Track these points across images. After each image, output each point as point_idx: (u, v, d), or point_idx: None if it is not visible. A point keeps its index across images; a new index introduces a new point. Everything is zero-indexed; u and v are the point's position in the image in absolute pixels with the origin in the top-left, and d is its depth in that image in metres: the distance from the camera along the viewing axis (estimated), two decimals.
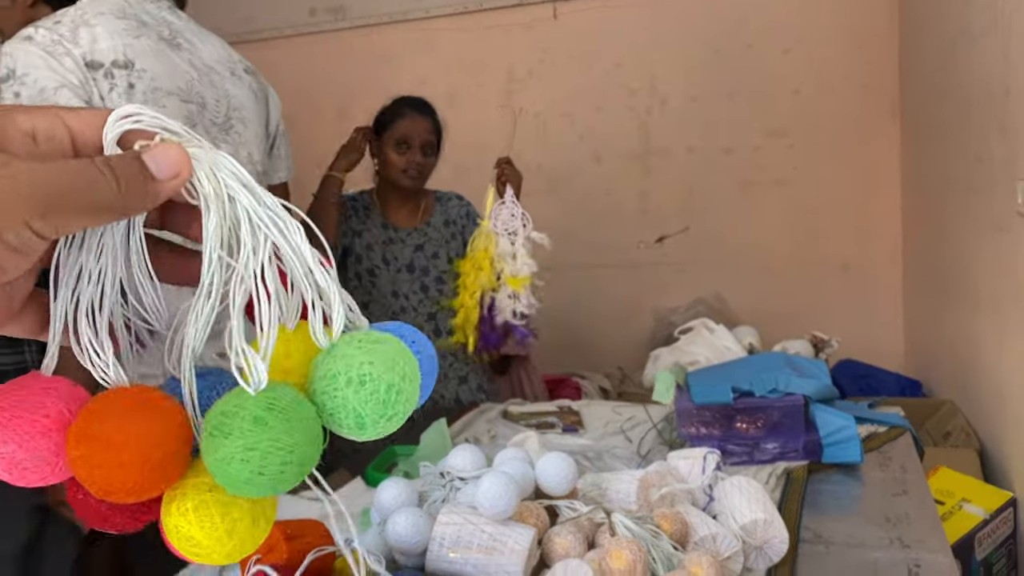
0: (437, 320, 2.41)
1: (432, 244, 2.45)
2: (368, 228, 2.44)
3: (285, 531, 0.91)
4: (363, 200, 2.51)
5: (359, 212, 2.46)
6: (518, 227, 2.10)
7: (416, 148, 2.38)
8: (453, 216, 2.51)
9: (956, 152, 2.93)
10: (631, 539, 1.01)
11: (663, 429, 1.77)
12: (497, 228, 2.10)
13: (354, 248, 2.43)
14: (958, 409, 3.01)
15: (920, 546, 1.22)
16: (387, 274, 2.41)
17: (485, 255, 2.08)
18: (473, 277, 2.09)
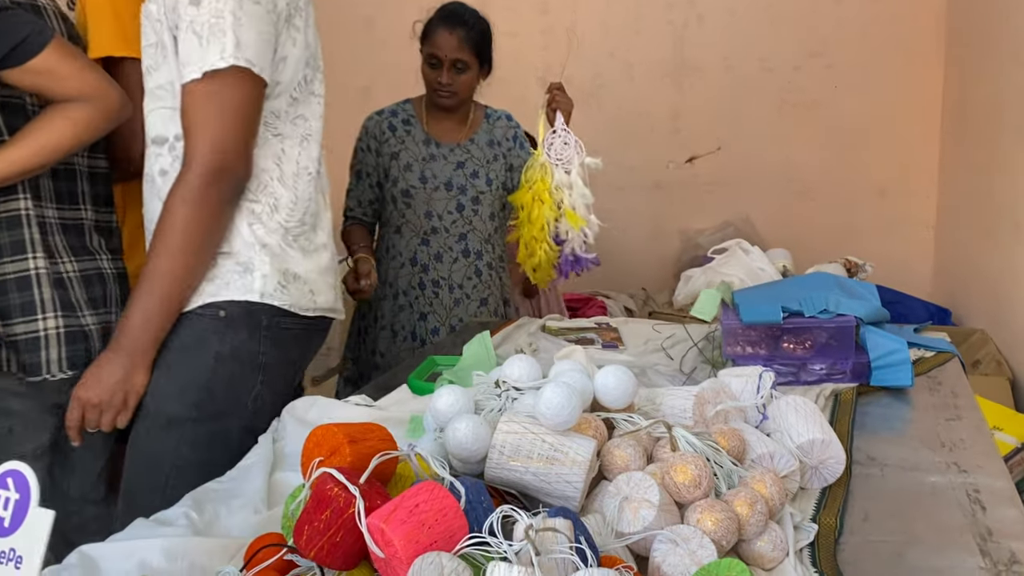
0: (467, 240, 2.36)
1: (473, 162, 2.37)
2: (407, 147, 2.35)
3: (348, 434, 0.89)
4: (404, 112, 2.41)
5: (398, 129, 2.37)
6: (572, 156, 2.00)
7: (445, 66, 2.27)
8: (499, 137, 2.41)
9: (1006, 68, 2.81)
10: (695, 454, 0.98)
11: (704, 348, 1.74)
12: (551, 158, 1.99)
13: (391, 172, 2.35)
14: (989, 338, 2.98)
15: (978, 471, 1.20)
16: (423, 193, 2.33)
17: (543, 186, 1.99)
18: (537, 211, 2.01)
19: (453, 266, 2.35)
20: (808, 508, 1.11)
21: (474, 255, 2.37)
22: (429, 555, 0.73)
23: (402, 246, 2.34)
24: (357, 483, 0.81)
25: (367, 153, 2.38)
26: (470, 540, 0.76)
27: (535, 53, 4.21)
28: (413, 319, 2.36)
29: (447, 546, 0.77)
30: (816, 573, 0.96)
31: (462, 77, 2.28)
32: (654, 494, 0.93)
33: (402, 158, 2.34)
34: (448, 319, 2.36)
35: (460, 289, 2.36)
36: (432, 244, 2.34)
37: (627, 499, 0.93)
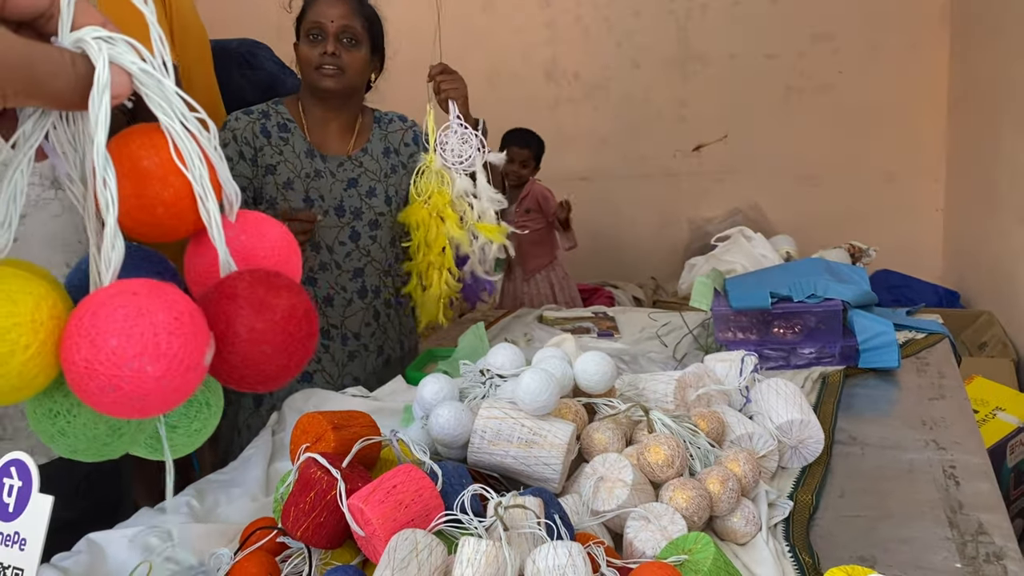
0: (364, 276, 1.86)
1: (368, 177, 1.86)
2: (286, 159, 1.82)
3: (332, 421, 0.94)
4: (278, 115, 1.85)
5: (273, 135, 1.82)
6: (473, 154, 1.62)
7: (331, 35, 1.77)
8: (395, 143, 1.92)
9: (1012, 57, 2.81)
10: (669, 435, 1.02)
11: (699, 335, 1.78)
12: (447, 160, 1.63)
13: (265, 190, 1.81)
14: (995, 320, 2.98)
15: (956, 448, 1.23)
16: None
17: (442, 198, 1.61)
18: (436, 230, 1.62)
19: (347, 310, 1.85)
20: (787, 486, 1.14)
21: (371, 294, 1.87)
22: (405, 532, 0.78)
23: (345, 280, 1.86)
24: (340, 467, 0.86)
25: (239, 161, 1.80)
26: (444, 518, 0.81)
27: (541, 48, 4.25)
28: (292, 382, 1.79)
29: (423, 524, 0.81)
30: (788, 547, 0.99)
31: (352, 53, 1.79)
32: (628, 474, 0.97)
33: (280, 173, 1.80)
34: (340, 378, 1.85)
35: (356, 340, 1.87)
36: (320, 283, 1.83)
37: (602, 479, 0.97)
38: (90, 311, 0.41)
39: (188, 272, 0.48)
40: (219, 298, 0.44)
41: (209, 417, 0.50)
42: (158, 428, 0.49)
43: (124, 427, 0.48)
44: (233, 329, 0.44)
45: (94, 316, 0.40)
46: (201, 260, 0.47)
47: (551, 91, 4.29)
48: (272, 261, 0.49)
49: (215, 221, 0.46)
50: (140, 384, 0.40)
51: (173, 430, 0.49)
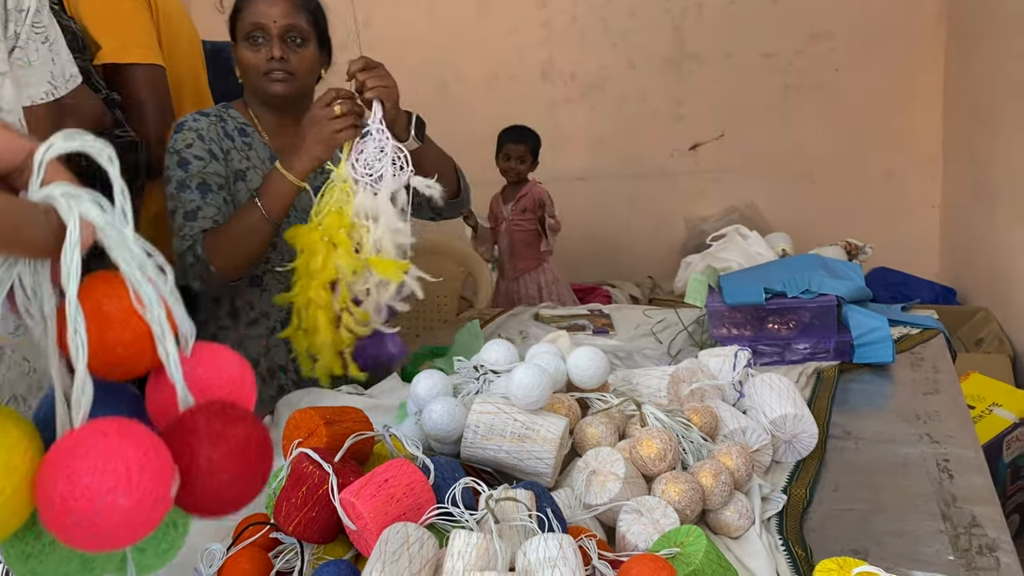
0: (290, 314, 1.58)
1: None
2: (254, 165, 1.67)
3: (325, 416, 0.94)
4: (233, 119, 1.70)
5: (236, 139, 1.67)
6: (386, 170, 1.33)
7: (275, 37, 1.59)
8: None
9: (1007, 47, 2.81)
10: (662, 429, 1.03)
11: (694, 331, 1.78)
12: (356, 172, 1.35)
13: (237, 198, 1.64)
14: (992, 316, 2.98)
15: (949, 442, 1.23)
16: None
17: (339, 219, 1.32)
18: (323, 259, 1.32)
19: (270, 339, 1.68)
20: (780, 480, 1.15)
21: None
22: (396, 525, 0.78)
23: (267, 305, 1.66)
24: (331, 461, 0.86)
25: (211, 161, 1.62)
26: (435, 511, 0.81)
27: (537, 48, 4.25)
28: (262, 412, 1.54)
29: (415, 518, 0.81)
30: (781, 540, 1.00)
31: (301, 53, 1.62)
32: (620, 467, 0.97)
33: (251, 179, 1.64)
34: None
35: None
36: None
37: (595, 472, 0.97)
38: (65, 452, 0.44)
39: (149, 404, 0.51)
40: (180, 432, 0.48)
41: (176, 537, 0.53)
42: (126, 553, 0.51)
43: (95, 560, 0.51)
44: (195, 461, 0.47)
45: (70, 457, 0.43)
46: (161, 395, 0.50)
47: (548, 92, 4.29)
48: (227, 391, 0.52)
49: (173, 360, 0.49)
50: (113, 517, 0.43)
51: (142, 552, 0.52)
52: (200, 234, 1.54)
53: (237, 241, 1.52)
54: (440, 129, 4.60)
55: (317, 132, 1.42)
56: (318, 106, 1.43)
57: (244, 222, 1.52)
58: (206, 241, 1.52)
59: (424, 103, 4.73)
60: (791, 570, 0.93)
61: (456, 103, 4.30)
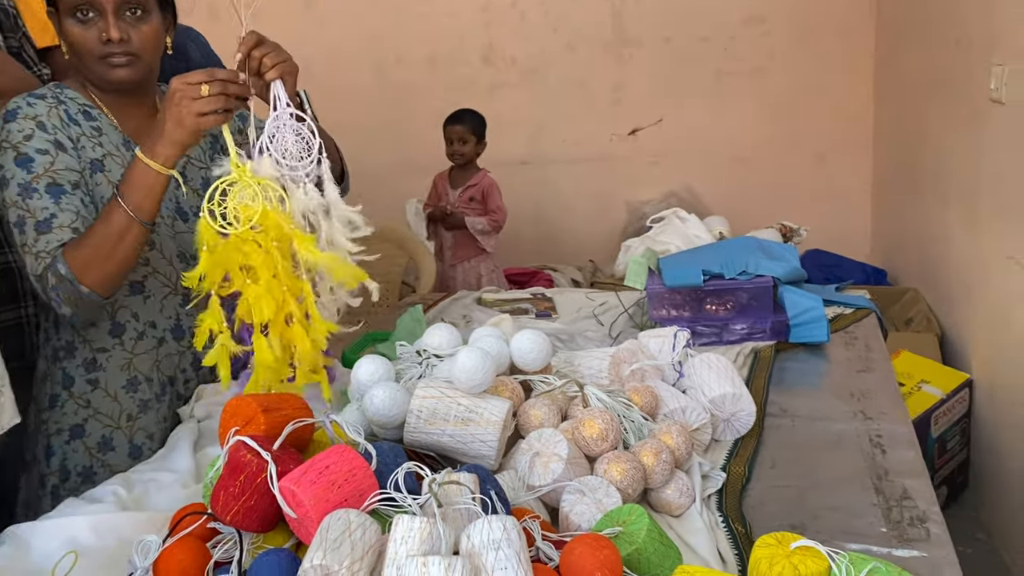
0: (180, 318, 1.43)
1: (195, 168, 1.46)
2: (110, 153, 1.39)
3: (262, 403, 0.92)
4: (73, 102, 1.40)
5: (82, 124, 1.38)
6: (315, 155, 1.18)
7: (109, 13, 1.31)
8: None
9: (935, 36, 2.89)
10: (603, 410, 1.03)
11: (634, 313, 1.79)
12: (282, 167, 1.17)
13: (97, 192, 1.36)
14: (921, 296, 3.08)
15: (882, 418, 1.27)
16: (167, 227, 1.42)
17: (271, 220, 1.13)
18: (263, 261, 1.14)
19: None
20: (720, 458, 1.17)
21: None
22: (337, 512, 0.77)
23: (150, 313, 1.41)
24: (270, 449, 0.85)
25: (59, 154, 1.33)
26: (378, 497, 0.80)
27: (478, 32, 4.22)
28: (164, 427, 1.41)
29: (357, 504, 0.80)
30: (721, 518, 1.01)
31: (142, 28, 1.35)
32: (563, 448, 0.97)
33: (111, 169, 1.37)
34: None
35: None
36: (168, 312, 1.43)
37: (538, 454, 0.98)
38: None
39: None
40: None
41: None
42: None
43: None
44: None
45: None
46: None
47: (489, 75, 4.27)
48: None
49: None
50: None
51: None
52: (59, 248, 1.25)
53: (106, 251, 1.24)
54: (380, 112, 4.55)
55: (177, 113, 1.18)
56: (180, 82, 1.19)
57: (110, 227, 1.24)
58: (67, 255, 1.24)
59: (363, 85, 4.65)
60: (731, 546, 0.95)
61: (396, 86, 4.25)
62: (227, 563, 0.85)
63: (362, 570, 0.73)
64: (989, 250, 2.35)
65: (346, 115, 4.24)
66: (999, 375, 2.32)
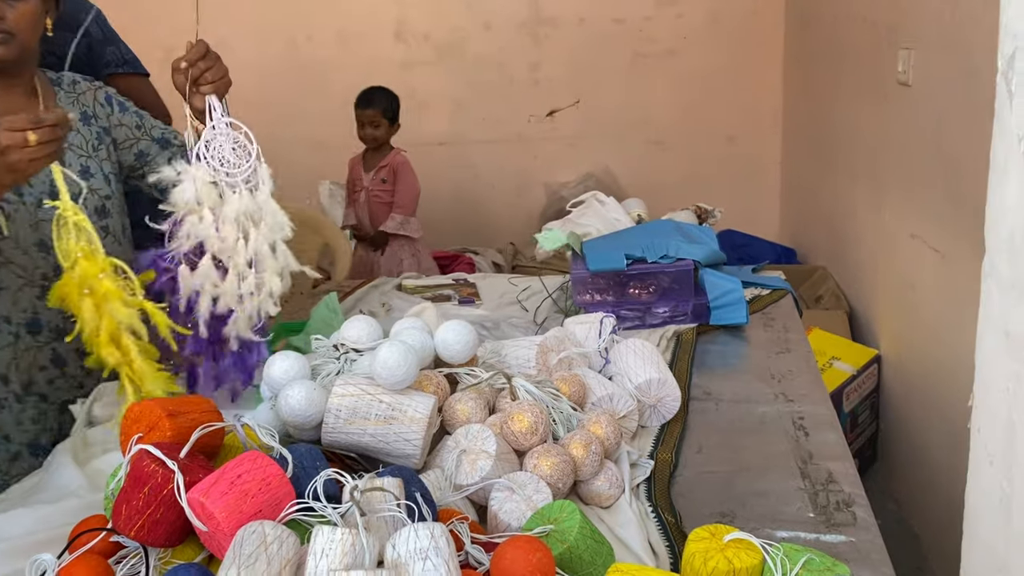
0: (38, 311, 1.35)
1: (75, 153, 1.41)
2: None
3: (167, 408, 0.85)
4: None
5: None
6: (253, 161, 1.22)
7: None
8: (91, 106, 1.46)
9: (844, 19, 2.96)
10: (532, 402, 1.00)
11: (558, 298, 1.77)
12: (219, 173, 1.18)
13: None
14: (830, 274, 3.16)
15: (803, 400, 1.28)
16: (26, 212, 1.34)
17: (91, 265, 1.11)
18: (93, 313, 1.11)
19: None
20: (647, 445, 1.15)
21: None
22: (251, 524, 0.72)
23: (7, 307, 1.33)
24: (177, 458, 0.78)
25: None
26: (295, 507, 0.75)
27: (388, 7, 4.12)
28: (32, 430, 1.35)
29: (272, 514, 0.75)
30: (651, 507, 1.00)
31: (19, 6, 1.31)
32: (491, 444, 0.94)
33: None
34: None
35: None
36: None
37: (465, 451, 0.94)
38: None
39: None
40: None
41: None
42: None
43: None
44: None
45: None
46: None
47: (402, 52, 4.18)
48: None
49: None
50: None
51: None
52: None
53: None
54: (291, 90, 4.40)
55: (5, 162, 1.11)
56: (5, 130, 1.10)
57: None
58: None
59: (273, 62, 4.49)
60: (662, 537, 0.94)
61: (307, 63, 4.12)
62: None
63: None
64: (894, 228, 2.42)
65: (257, 93, 4.10)
66: (906, 350, 2.40)
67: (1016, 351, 0.54)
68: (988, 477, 0.59)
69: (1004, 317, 0.55)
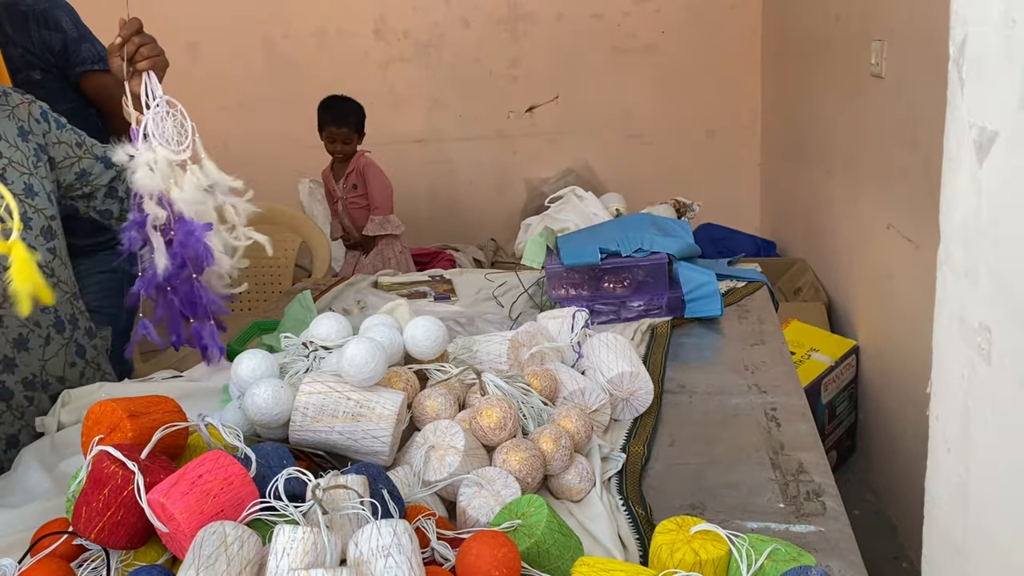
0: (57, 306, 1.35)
1: (16, 171, 1.31)
2: None
3: (129, 408, 0.84)
4: None
5: None
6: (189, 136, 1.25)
7: None
8: (26, 121, 1.35)
9: (818, 12, 2.97)
10: (501, 397, 1.00)
11: (534, 293, 1.77)
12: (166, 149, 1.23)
13: None
14: (808, 267, 3.18)
15: (776, 391, 1.28)
16: None
17: None
18: None
19: (46, 351, 1.32)
20: (619, 439, 1.15)
21: (69, 325, 1.37)
22: (212, 525, 0.71)
23: None
24: (137, 459, 0.77)
25: None
26: (256, 506, 0.74)
27: (370, 5, 4.11)
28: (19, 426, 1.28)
29: (235, 515, 0.74)
30: (621, 500, 1.00)
31: None
32: (459, 440, 0.93)
33: None
34: None
35: (61, 384, 1.34)
36: (6, 322, 1.26)
37: (433, 447, 0.94)
38: None
39: None
40: None
41: None
42: None
43: None
44: None
45: None
46: None
47: (381, 50, 4.16)
48: None
49: None
50: None
51: None
52: None
53: None
54: (269, 88, 4.38)
55: None
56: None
57: None
58: None
59: (251, 61, 4.47)
60: (632, 530, 0.93)
61: (284, 61, 4.10)
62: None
63: None
64: (870, 219, 2.43)
65: (234, 92, 4.10)
66: (883, 340, 2.42)
67: (970, 337, 0.54)
68: (945, 464, 0.60)
69: (958, 303, 0.56)
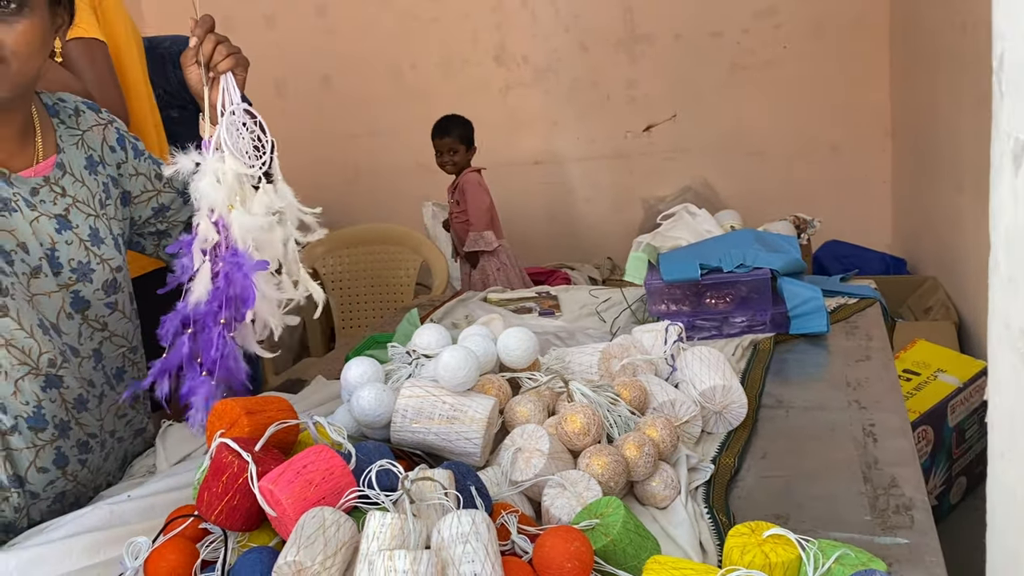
0: (104, 359, 1.18)
1: (80, 211, 1.16)
2: None
3: (246, 407, 0.94)
4: None
5: None
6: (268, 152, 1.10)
7: None
8: (97, 147, 1.21)
9: (943, 21, 2.86)
10: (587, 404, 1.04)
11: (637, 309, 1.80)
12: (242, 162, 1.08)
13: None
14: (940, 285, 3.04)
15: (876, 407, 1.26)
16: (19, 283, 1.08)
17: None
18: None
19: (101, 408, 1.19)
20: (711, 451, 1.17)
21: (114, 376, 1.21)
22: (313, 510, 0.79)
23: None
24: (252, 451, 0.87)
25: None
26: (352, 494, 0.82)
27: (489, 33, 4.25)
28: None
29: (334, 502, 0.82)
30: (706, 509, 1.02)
31: (16, 26, 1.03)
32: (544, 443, 0.98)
33: None
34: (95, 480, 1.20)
35: (116, 440, 1.23)
36: (67, 382, 1.13)
37: (520, 450, 0.99)
38: None
39: None
40: None
41: None
42: None
43: None
44: None
45: None
46: None
47: (501, 76, 4.29)
48: None
49: None
50: None
51: None
52: None
53: None
54: (396, 116, 4.58)
55: None
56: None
57: None
58: None
59: (379, 91, 4.69)
60: (713, 536, 0.95)
61: (411, 90, 4.29)
62: (214, 562, 0.88)
63: (335, 566, 0.75)
64: None
65: (363, 122, 4.33)
66: None
67: (1015, 342, 0.55)
68: (1001, 471, 0.60)
69: (1005, 310, 0.56)
